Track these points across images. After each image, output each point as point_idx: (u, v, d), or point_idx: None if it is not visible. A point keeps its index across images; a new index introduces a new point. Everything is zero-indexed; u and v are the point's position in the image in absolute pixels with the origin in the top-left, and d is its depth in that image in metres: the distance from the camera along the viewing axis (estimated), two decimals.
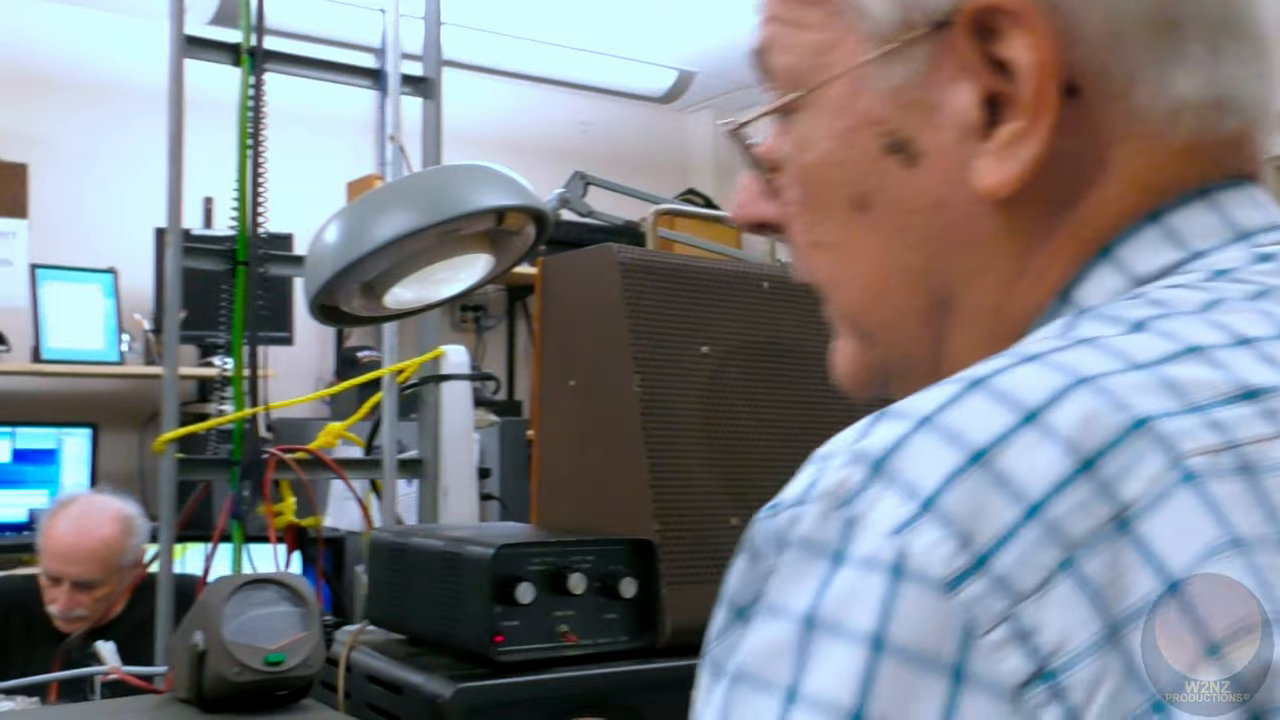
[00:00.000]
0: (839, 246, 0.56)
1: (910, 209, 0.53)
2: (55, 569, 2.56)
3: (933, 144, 0.52)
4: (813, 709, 0.39)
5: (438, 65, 1.78)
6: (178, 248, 1.56)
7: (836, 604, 0.40)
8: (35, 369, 3.75)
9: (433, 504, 1.69)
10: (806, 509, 0.43)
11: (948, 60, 0.51)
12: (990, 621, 0.38)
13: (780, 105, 0.56)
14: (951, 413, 0.42)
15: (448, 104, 1.73)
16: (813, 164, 0.56)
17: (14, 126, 3.94)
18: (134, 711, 0.90)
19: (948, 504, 0.40)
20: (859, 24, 0.53)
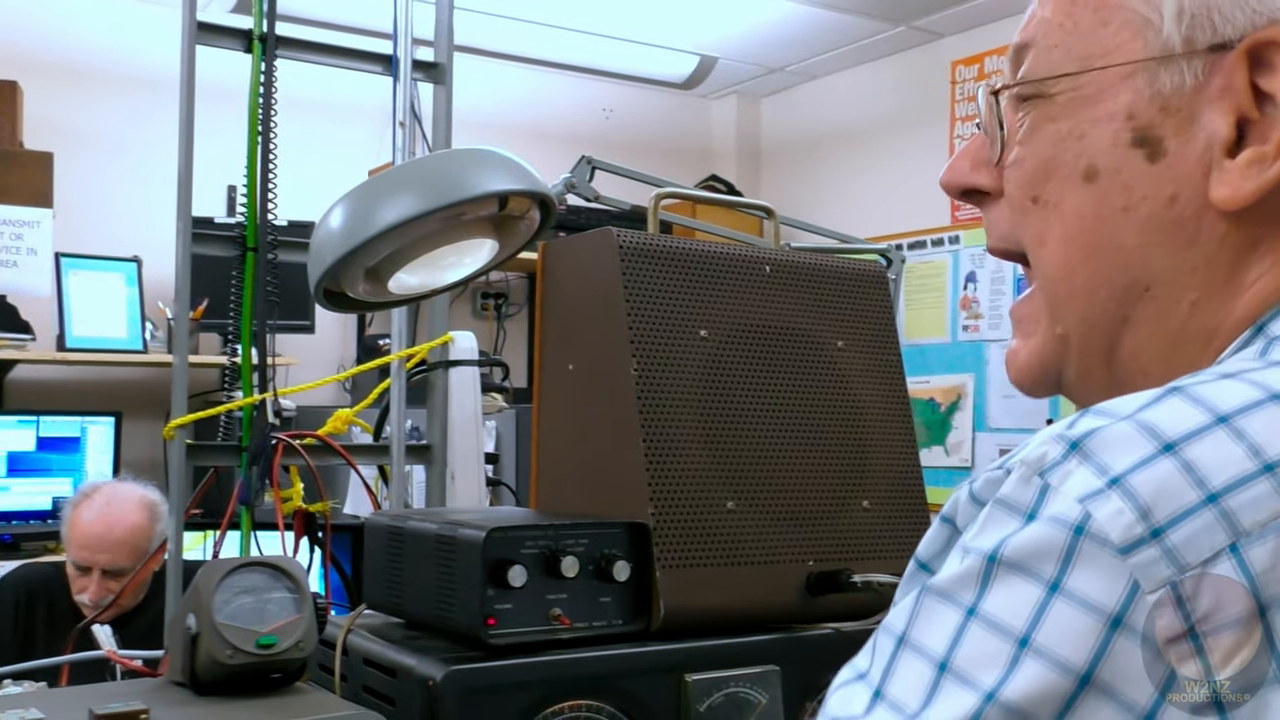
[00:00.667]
0: (1058, 205, 0.62)
1: (1143, 195, 0.59)
2: (85, 558, 2.58)
3: (1180, 147, 0.58)
4: (988, 626, 0.47)
5: (449, 50, 1.78)
6: (187, 235, 1.57)
7: (1022, 549, 0.47)
8: (60, 357, 3.79)
9: (440, 490, 1.70)
10: (1009, 475, 0.50)
11: (1216, 80, 0.58)
12: (1154, 584, 0.45)
13: (1042, 80, 0.63)
14: (1151, 411, 0.49)
15: (471, 91, 1.73)
16: (1055, 133, 0.62)
17: (40, 116, 3.97)
18: (128, 694, 0.90)
19: (1134, 482, 0.46)
20: (1144, 32, 0.60)
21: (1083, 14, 0.62)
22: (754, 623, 1.07)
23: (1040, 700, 0.45)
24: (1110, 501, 0.46)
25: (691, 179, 5.15)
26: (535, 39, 4.55)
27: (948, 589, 0.49)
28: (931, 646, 0.48)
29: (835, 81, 5.09)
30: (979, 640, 0.47)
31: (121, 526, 2.60)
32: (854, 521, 1.16)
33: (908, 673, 0.49)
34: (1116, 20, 0.61)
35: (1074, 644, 0.45)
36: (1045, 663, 0.45)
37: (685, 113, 5.42)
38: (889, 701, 0.49)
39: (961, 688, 0.47)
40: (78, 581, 2.60)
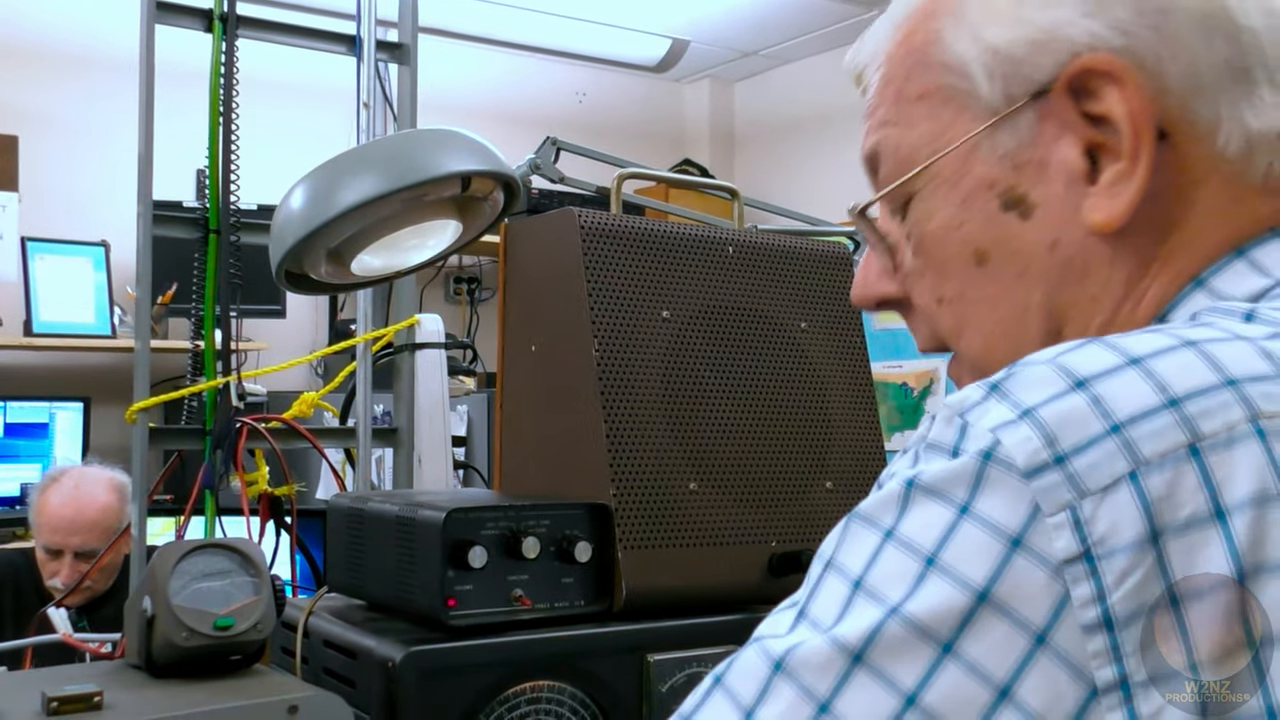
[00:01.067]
0: (963, 299, 0.65)
1: (1030, 254, 0.62)
2: (56, 542, 2.56)
3: (1044, 195, 0.61)
4: (901, 546, 0.50)
5: (413, 31, 1.77)
6: (148, 217, 1.56)
7: (938, 475, 0.50)
8: (27, 343, 3.76)
9: (407, 473, 1.69)
10: (933, 420, 0.53)
11: (1050, 122, 0.60)
12: (1055, 508, 0.47)
13: (900, 185, 0.66)
14: (1068, 355, 0.51)
15: (444, 75, 1.72)
16: (935, 231, 0.65)
17: (3, 98, 3.93)
18: (83, 676, 0.89)
19: (1043, 413, 0.49)
20: (968, 104, 0.62)
21: (909, 107, 0.65)
22: (716, 603, 1.07)
23: (940, 615, 0.47)
24: (1019, 430, 0.49)
25: (665, 163, 5.15)
26: (508, 21, 4.53)
27: (870, 514, 0.52)
28: (850, 567, 0.51)
29: (809, 65, 5.09)
30: (892, 560, 0.50)
31: (92, 509, 2.59)
32: (817, 502, 1.16)
33: (828, 592, 0.52)
34: (938, 98, 0.64)
35: (975, 562, 0.47)
36: (948, 580, 0.48)
37: (659, 96, 5.41)
38: (809, 619, 0.52)
39: (870, 603, 0.49)
40: (49, 566, 2.58)
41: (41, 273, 3.82)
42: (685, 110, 5.53)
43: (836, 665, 0.49)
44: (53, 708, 0.77)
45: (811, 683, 0.49)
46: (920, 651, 0.47)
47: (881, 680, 0.48)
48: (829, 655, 0.49)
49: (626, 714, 0.99)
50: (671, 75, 5.30)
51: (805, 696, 0.49)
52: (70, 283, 3.87)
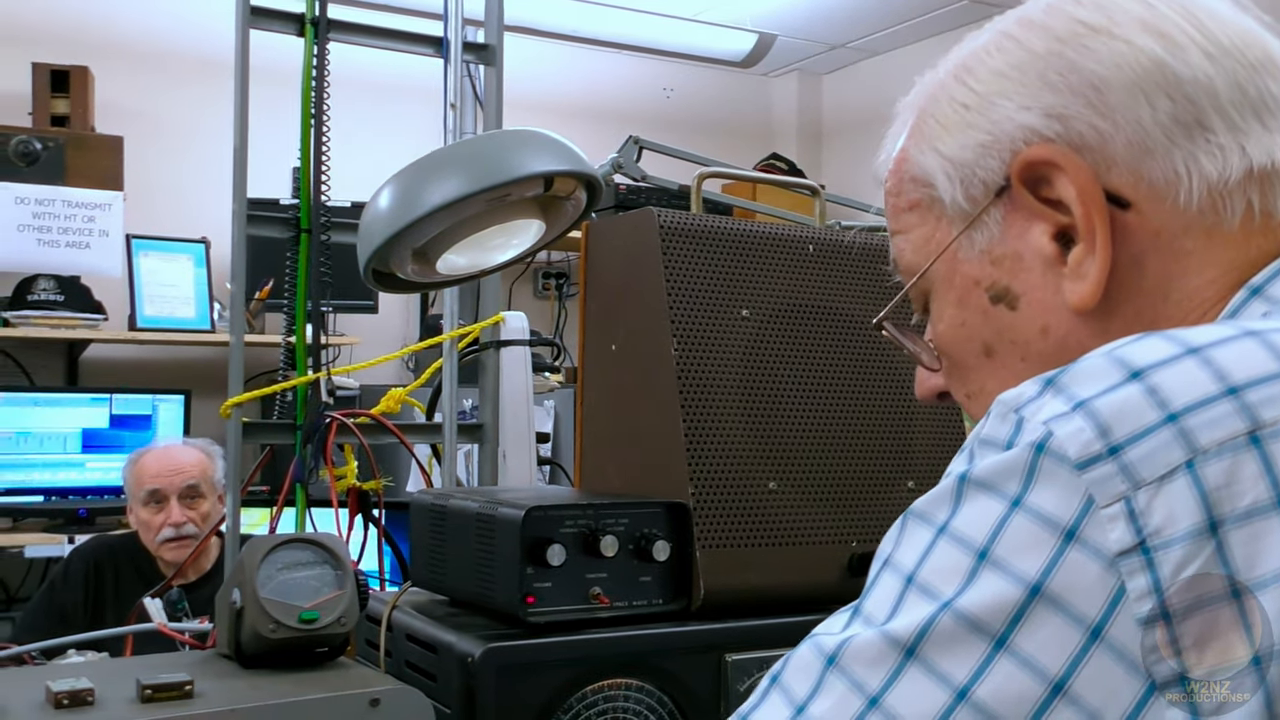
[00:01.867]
0: (984, 392, 0.67)
1: (1025, 341, 0.64)
2: (160, 484, 2.67)
3: (1026, 285, 0.63)
4: (953, 541, 0.50)
5: (499, 32, 1.79)
6: (242, 216, 1.60)
7: (991, 469, 0.50)
8: (131, 337, 3.88)
9: (492, 468, 1.71)
10: (989, 417, 0.53)
11: (1016, 215, 0.63)
12: (1109, 499, 0.46)
13: (904, 294, 0.70)
14: (1125, 347, 0.51)
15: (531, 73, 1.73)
16: (945, 331, 0.68)
17: (110, 100, 4.05)
18: (176, 665, 0.92)
19: (1097, 404, 0.48)
20: (942, 211, 0.66)
21: (905, 217, 0.69)
22: (795, 603, 1.07)
23: (993, 609, 0.47)
24: (1071, 421, 0.48)
25: (753, 158, 5.12)
26: (595, 18, 4.55)
27: (925, 510, 0.53)
28: (904, 563, 0.52)
29: (897, 57, 5.02)
30: (945, 555, 0.50)
31: (185, 456, 2.75)
32: (898, 502, 1.15)
33: (882, 589, 0.52)
34: (921, 209, 0.68)
35: (1027, 555, 0.47)
36: (1000, 573, 0.48)
37: (746, 91, 5.39)
38: (863, 615, 0.52)
39: (923, 598, 0.49)
40: (155, 519, 2.66)
41: (145, 269, 3.94)
42: (773, 104, 5.50)
43: (888, 659, 0.49)
44: (146, 695, 0.80)
45: (862, 676, 0.49)
46: (973, 646, 0.47)
47: (933, 675, 0.48)
48: (880, 649, 0.49)
49: (703, 713, 0.99)
50: (759, 69, 5.27)
51: (855, 690, 0.49)
52: (172, 279, 3.98)
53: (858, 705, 0.49)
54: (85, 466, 3.78)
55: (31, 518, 3.78)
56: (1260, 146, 0.59)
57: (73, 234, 3.70)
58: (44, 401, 3.78)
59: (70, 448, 3.77)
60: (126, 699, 0.81)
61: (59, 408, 3.79)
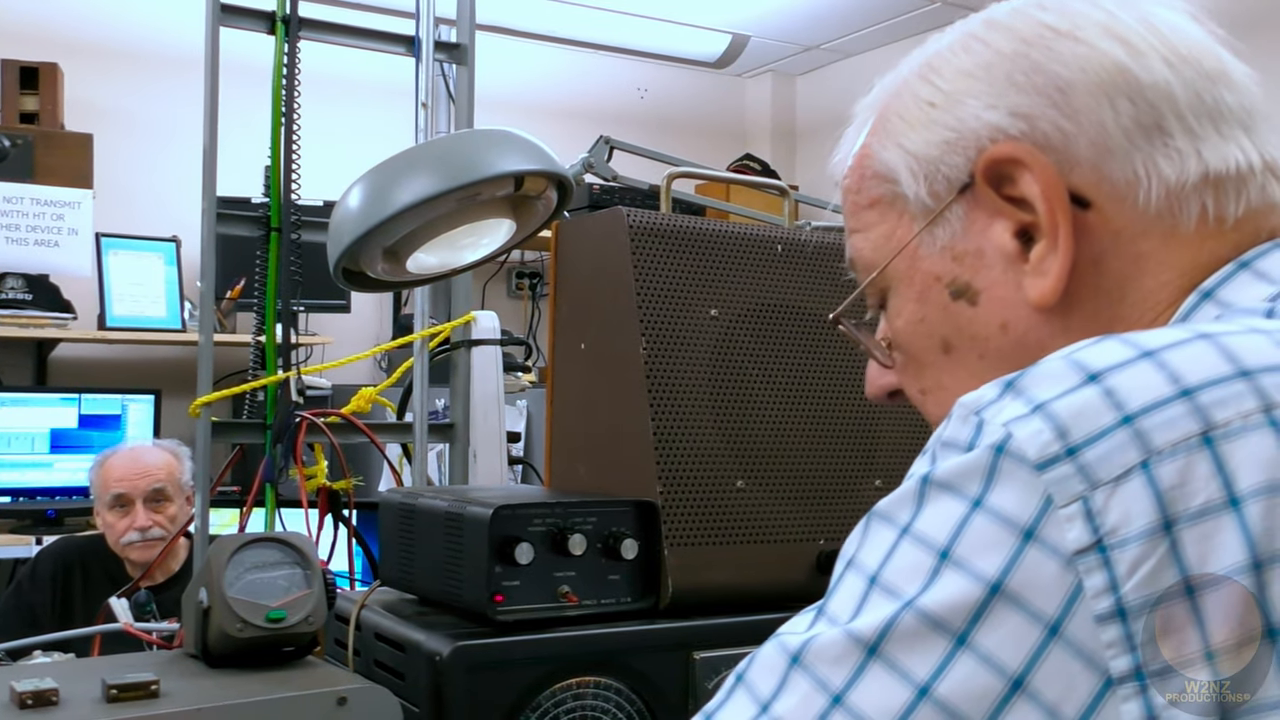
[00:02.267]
0: (940, 387, 0.67)
1: (984, 337, 0.64)
2: (125, 489, 2.65)
3: (986, 281, 0.64)
4: (916, 541, 0.50)
5: (471, 31, 1.79)
6: (212, 214, 1.59)
7: (952, 470, 0.51)
8: (100, 336, 3.85)
9: (462, 468, 1.71)
10: (950, 419, 0.53)
11: (979, 212, 0.64)
12: (1067, 499, 0.47)
13: (862, 289, 0.70)
14: (1082, 351, 0.52)
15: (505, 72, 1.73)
16: (904, 327, 0.68)
17: (80, 97, 4.02)
18: (143, 665, 0.92)
19: (1055, 406, 0.49)
20: (905, 207, 0.66)
21: (864, 214, 0.70)
22: (763, 601, 1.08)
23: (954, 608, 0.48)
24: (1031, 423, 0.49)
25: (727, 158, 5.14)
26: (569, 18, 4.55)
27: (888, 511, 0.53)
28: (867, 563, 0.52)
29: (871, 59, 5.04)
30: (907, 555, 0.51)
31: (152, 458, 2.72)
32: (865, 500, 1.15)
33: (846, 589, 0.53)
34: (882, 205, 0.68)
35: (987, 554, 0.48)
36: (961, 572, 0.49)
37: (720, 91, 5.40)
38: (827, 615, 0.53)
39: (885, 598, 0.50)
40: (120, 523, 2.64)
41: (115, 268, 3.91)
42: (747, 105, 5.51)
43: (851, 658, 0.50)
44: (112, 695, 0.80)
45: (826, 674, 0.50)
46: (933, 643, 0.48)
47: (895, 672, 0.49)
48: (843, 648, 0.50)
49: (671, 710, 0.99)
50: (733, 70, 5.29)
51: (819, 688, 0.50)
52: (142, 278, 3.95)
53: (822, 703, 0.50)
54: (54, 467, 3.75)
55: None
56: (1215, 152, 0.60)
57: (41, 232, 3.67)
58: (12, 401, 3.75)
59: (39, 448, 3.73)
60: (92, 699, 0.81)
61: (27, 407, 3.76)
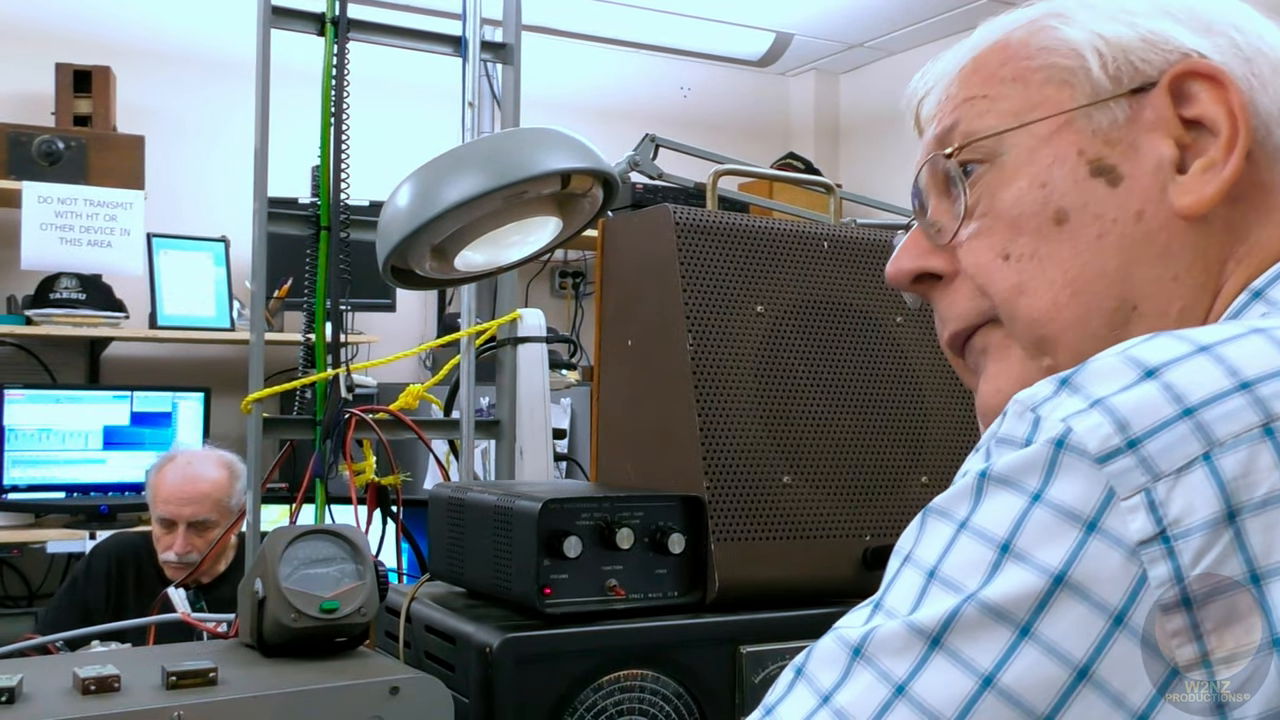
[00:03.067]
0: (1035, 256, 0.65)
1: (1112, 218, 0.64)
2: (170, 513, 2.69)
3: (1133, 170, 0.64)
4: (975, 535, 0.51)
5: (517, 31, 1.80)
6: (263, 214, 1.62)
7: (1011, 465, 0.51)
8: (152, 335, 3.91)
9: (509, 464, 1.73)
10: (1004, 416, 0.54)
11: (1145, 114, 0.64)
12: (1129, 491, 0.48)
13: (984, 140, 0.68)
14: (1136, 348, 0.52)
15: (549, 72, 1.75)
16: (1014, 190, 0.66)
17: (131, 100, 4.09)
18: (202, 653, 0.94)
19: (1114, 401, 0.50)
20: (1071, 81, 0.66)
21: (1001, 86, 0.68)
22: (809, 596, 1.08)
23: (1017, 599, 0.49)
24: (1090, 417, 0.50)
25: (770, 157, 5.13)
26: (613, 18, 4.56)
27: (945, 506, 0.54)
28: (925, 558, 0.53)
29: (915, 56, 5.01)
30: (966, 549, 0.51)
31: (204, 481, 2.73)
32: (912, 497, 1.16)
33: (904, 583, 0.53)
34: (1038, 79, 0.67)
35: (1050, 547, 0.49)
36: (1023, 565, 0.49)
37: (763, 90, 5.39)
38: (884, 609, 0.53)
39: (946, 591, 0.51)
40: (163, 539, 2.70)
41: (166, 268, 3.97)
42: (790, 104, 5.50)
43: (913, 649, 0.50)
44: (171, 681, 0.82)
45: (888, 666, 0.51)
46: (997, 634, 0.49)
47: (958, 662, 0.49)
48: (905, 639, 0.51)
49: (718, 704, 1.00)
50: (776, 69, 5.28)
51: (882, 679, 0.51)
52: (192, 277, 4.01)
53: (884, 693, 0.50)
54: (107, 463, 3.82)
55: (53, 514, 3.82)
56: None
57: (94, 233, 3.73)
58: (66, 399, 3.82)
59: (92, 445, 3.80)
60: (152, 686, 0.82)
61: (81, 405, 3.83)
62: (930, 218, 0.71)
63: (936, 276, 0.71)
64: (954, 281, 0.70)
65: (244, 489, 2.77)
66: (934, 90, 0.73)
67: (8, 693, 0.77)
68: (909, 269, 0.72)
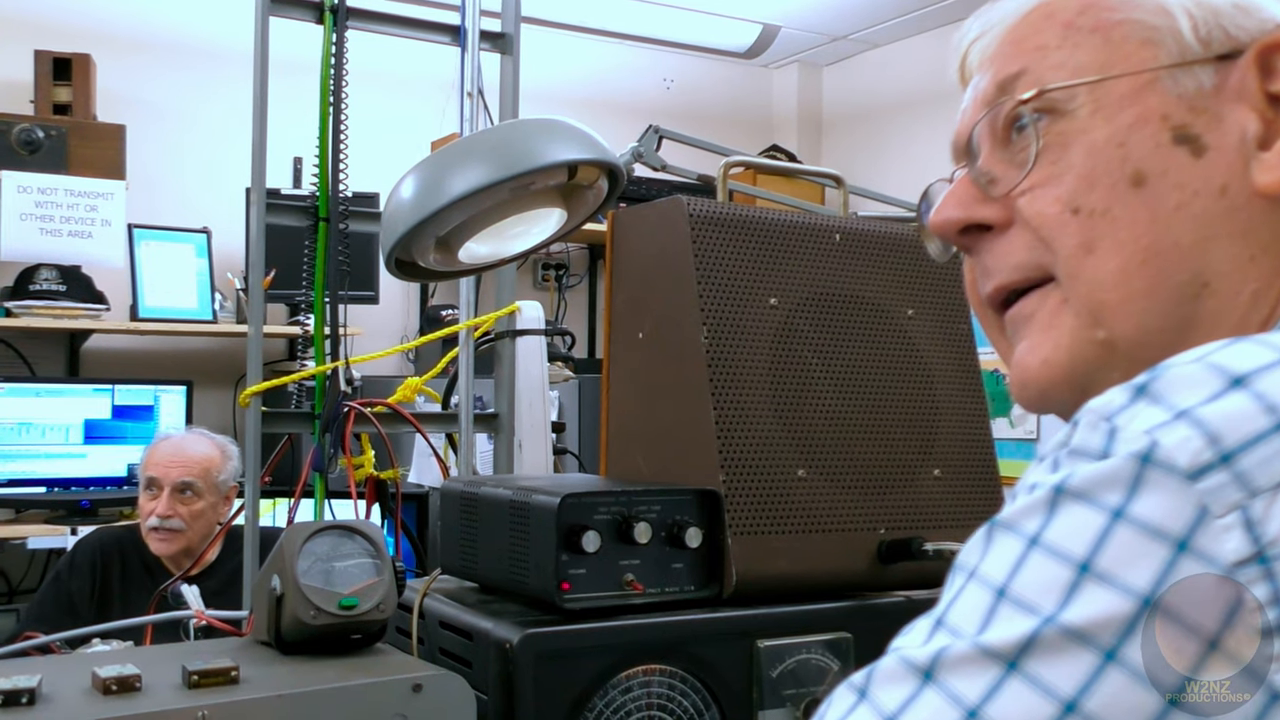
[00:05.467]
0: (1106, 213, 0.62)
1: (1194, 190, 0.61)
2: (158, 473, 2.68)
3: (1218, 142, 0.61)
4: (1048, 553, 0.48)
5: (516, 21, 1.79)
6: (261, 205, 1.60)
7: (1088, 479, 0.48)
8: (133, 327, 3.87)
9: (507, 457, 1.72)
10: (1076, 426, 0.51)
11: (1230, 82, 0.62)
12: (1224, 508, 0.46)
13: (1065, 89, 0.64)
14: (1218, 354, 0.50)
15: (532, 62, 1.74)
16: (1091, 142, 0.63)
17: (112, 88, 4.04)
18: (218, 651, 0.93)
19: (1202, 412, 0.47)
20: (1158, 40, 0.63)
21: (1079, 36, 0.65)
22: (825, 590, 1.08)
23: (1101, 622, 0.46)
24: (1177, 430, 0.47)
25: (752, 149, 5.12)
26: (597, 9, 4.54)
27: (1013, 521, 0.51)
28: (992, 575, 0.50)
29: (897, 50, 5.03)
30: (1039, 568, 0.48)
31: (194, 449, 2.74)
32: (925, 490, 1.16)
33: (969, 601, 0.50)
34: (1121, 34, 0.64)
35: (1136, 567, 0.46)
36: (1106, 586, 0.46)
37: (747, 82, 5.39)
38: (948, 628, 0.51)
39: (1019, 612, 0.48)
40: (146, 505, 2.68)
41: (147, 259, 3.93)
42: (773, 96, 5.50)
43: (987, 672, 0.48)
44: (194, 680, 0.80)
45: (960, 689, 0.48)
46: (1079, 658, 0.46)
47: (1037, 687, 0.47)
48: (978, 661, 0.48)
49: (736, 698, 1.00)
50: (760, 61, 5.27)
51: (953, 702, 0.48)
52: (174, 269, 3.98)
53: (956, 718, 0.48)
54: (88, 457, 3.78)
55: (34, 509, 3.78)
56: None
57: (75, 223, 3.69)
58: (46, 392, 3.78)
59: (73, 438, 3.76)
60: (173, 685, 0.81)
61: (61, 398, 3.78)
62: (983, 166, 0.67)
63: (985, 228, 0.67)
64: (1008, 231, 0.66)
65: (235, 471, 2.75)
66: (991, 32, 0.69)
67: (28, 693, 0.76)
68: (958, 218, 0.68)
